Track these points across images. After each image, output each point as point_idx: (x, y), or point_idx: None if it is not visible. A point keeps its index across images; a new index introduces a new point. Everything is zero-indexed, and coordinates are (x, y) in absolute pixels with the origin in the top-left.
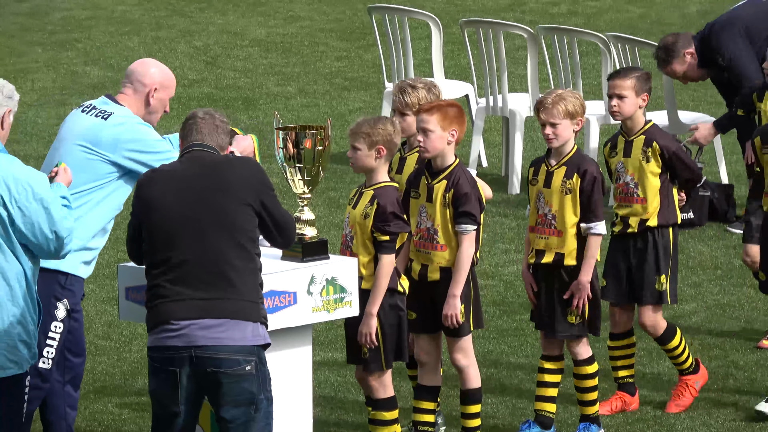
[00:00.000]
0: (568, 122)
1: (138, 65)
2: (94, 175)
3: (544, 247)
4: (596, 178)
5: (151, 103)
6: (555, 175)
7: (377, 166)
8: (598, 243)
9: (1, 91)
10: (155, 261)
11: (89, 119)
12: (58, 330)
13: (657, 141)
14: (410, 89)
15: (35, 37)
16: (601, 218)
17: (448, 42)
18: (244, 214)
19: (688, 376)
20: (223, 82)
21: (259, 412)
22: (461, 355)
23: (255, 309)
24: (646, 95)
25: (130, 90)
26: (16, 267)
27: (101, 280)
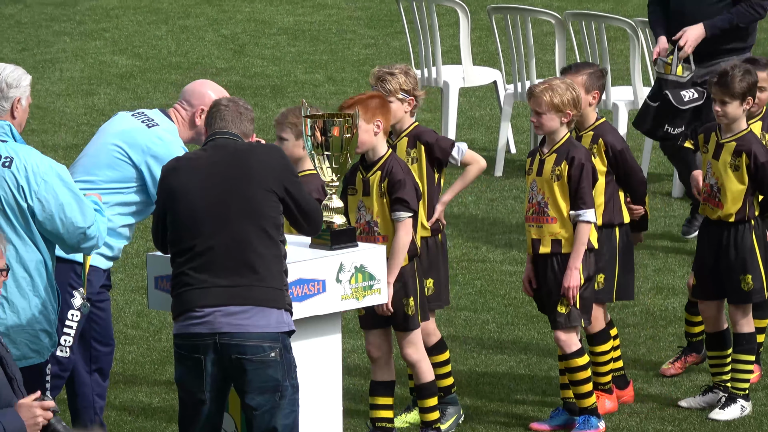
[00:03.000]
0: (554, 114)
1: (193, 84)
2: (121, 175)
3: (539, 236)
4: (584, 165)
5: (197, 123)
6: (546, 162)
7: (304, 155)
8: (587, 230)
9: (5, 83)
10: (180, 249)
11: (134, 122)
12: (75, 318)
13: (604, 137)
14: (389, 76)
15: (63, 26)
16: (590, 205)
17: (475, 28)
18: (268, 200)
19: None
20: (251, 70)
21: (284, 399)
22: (412, 349)
23: (279, 296)
24: (596, 93)
25: (180, 107)
26: (36, 256)
27: (130, 269)
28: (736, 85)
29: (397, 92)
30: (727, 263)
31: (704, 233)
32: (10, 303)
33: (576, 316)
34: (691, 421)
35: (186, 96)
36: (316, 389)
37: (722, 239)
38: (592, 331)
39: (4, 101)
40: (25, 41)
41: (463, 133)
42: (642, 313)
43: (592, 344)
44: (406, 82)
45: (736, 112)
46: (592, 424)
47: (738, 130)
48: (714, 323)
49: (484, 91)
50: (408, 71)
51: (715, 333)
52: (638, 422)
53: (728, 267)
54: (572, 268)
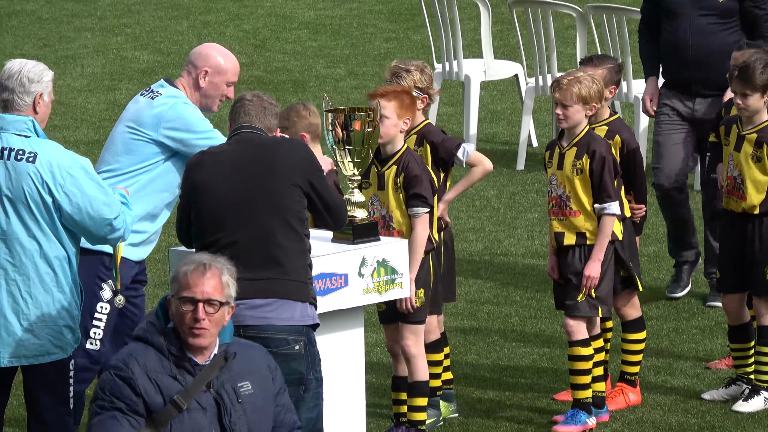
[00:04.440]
0: (580, 107)
1: (198, 47)
2: (139, 156)
3: (564, 229)
4: (605, 158)
5: (201, 85)
6: (566, 156)
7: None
8: (611, 223)
9: (26, 78)
10: (204, 243)
11: (142, 100)
12: (104, 311)
13: (621, 134)
14: (404, 72)
15: (84, 22)
16: (615, 198)
17: (497, 22)
18: (292, 194)
19: (626, 384)
20: (273, 65)
21: (308, 392)
22: (412, 341)
23: (303, 289)
24: (613, 87)
25: (185, 72)
26: (60, 252)
27: (152, 264)
28: (757, 78)
29: (411, 89)
30: (752, 256)
31: (729, 227)
32: (33, 298)
33: (589, 307)
34: (714, 414)
35: (192, 59)
36: (339, 383)
37: (746, 232)
38: (627, 319)
39: (26, 96)
40: (47, 37)
41: (484, 126)
42: (665, 305)
43: (625, 331)
44: (421, 79)
45: (757, 105)
46: (580, 419)
47: (759, 121)
48: (737, 316)
49: (506, 85)
50: (424, 69)
51: (738, 326)
52: (662, 414)
53: (753, 259)
54: (595, 260)
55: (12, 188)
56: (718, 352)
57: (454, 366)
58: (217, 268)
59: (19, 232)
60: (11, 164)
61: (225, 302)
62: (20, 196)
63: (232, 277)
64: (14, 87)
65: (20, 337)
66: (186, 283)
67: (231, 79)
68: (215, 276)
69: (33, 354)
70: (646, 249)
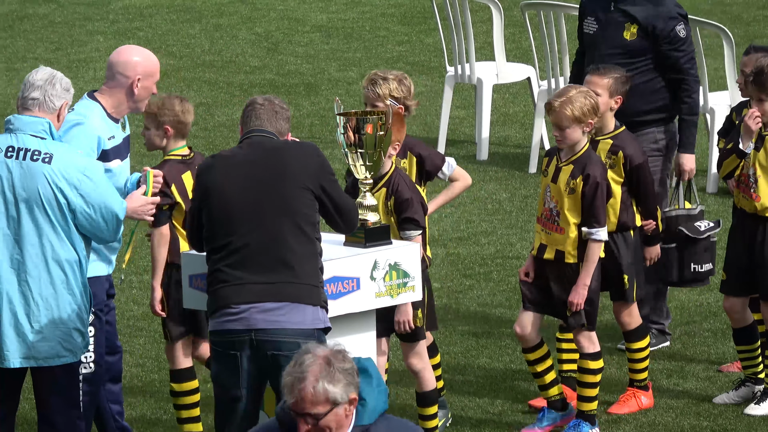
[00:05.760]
0: (576, 126)
1: (118, 56)
2: None
3: (547, 242)
4: (599, 183)
5: (135, 93)
6: (562, 172)
7: (165, 145)
8: (598, 249)
9: (60, 84)
10: (215, 246)
11: None
12: (90, 334)
13: (624, 150)
14: (381, 81)
15: (96, 26)
16: (603, 224)
17: (509, 25)
18: (303, 198)
19: (637, 389)
20: (285, 68)
21: None
22: (417, 359)
23: (315, 293)
24: (619, 98)
25: (112, 83)
26: (71, 255)
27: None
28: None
29: (385, 97)
30: (761, 258)
31: (738, 228)
32: (44, 300)
33: (582, 317)
34: (726, 417)
35: (119, 69)
36: None
37: (756, 234)
38: (629, 328)
39: (57, 100)
40: (59, 41)
41: (497, 129)
42: (677, 308)
43: (629, 341)
44: (398, 89)
45: None
46: (582, 430)
47: None
48: (741, 319)
49: (518, 88)
50: (402, 79)
51: (742, 328)
52: (674, 418)
53: (762, 262)
54: (581, 285)
55: (26, 189)
56: (730, 355)
57: (466, 369)
58: (313, 374)
59: (32, 234)
60: (26, 164)
61: (327, 411)
62: (35, 197)
63: (337, 373)
64: (47, 88)
65: (31, 338)
66: (287, 391)
67: (157, 78)
68: (309, 386)
69: (43, 356)
70: None
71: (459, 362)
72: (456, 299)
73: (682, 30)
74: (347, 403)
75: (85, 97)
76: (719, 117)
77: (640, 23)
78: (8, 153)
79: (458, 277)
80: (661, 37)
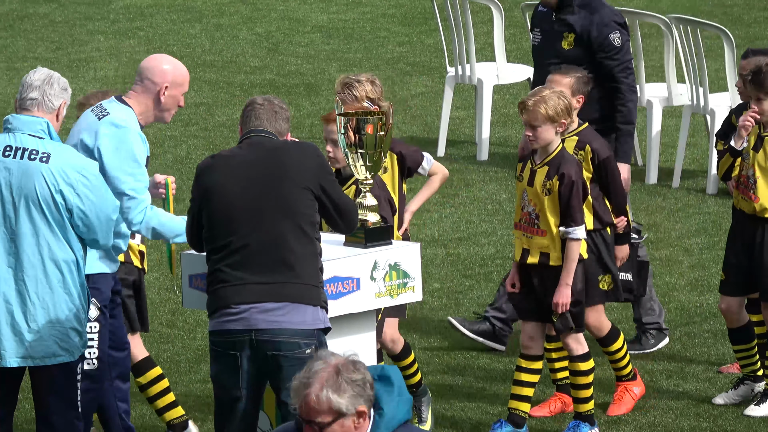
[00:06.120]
0: (549, 125)
1: (149, 62)
2: None
3: (529, 246)
4: (574, 182)
5: (162, 100)
6: (537, 174)
7: None
8: (578, 248)
9: (58, 83)
10: (215, 247)
11: (90, 117)
12: (94, 330)
13: (591, 144)
14: (356, 83)
15: (97, 25)
16: (579, 222)
17: (509, 26)
18: (303, 198)
19: (627, 382)
20: (286, 68)
21: None
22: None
23: (315, 293)
24: (581, 97)
25: (139, 88)
26: (68, 255)
27: (165, 268)
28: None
29: (363, 99)
30: (761, 259)
31: (737, 229)
32: (40, 299)
33: (570, 320)
34: (726, 418)
35: (147, 74)
36: None
37: (756, 235)
38: (600, 335)
39: (56, 99)
40: (60, 40)
41: (497, 130)
42: (677, 309)
43: (604, 346)
44: (373, 90)
45: None
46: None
47: None
48: (737, 319)
49: (518, 89)
50: (374, 81)
51: (738, 328)
52: (674, 419)
53: (761, 263)
54: (564, 285)
55: (24, 188)
56: (730, 356)
57: (466, 369)
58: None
59: (29, 233)
60: (24, 164)
61: (331, 421)
62: (32, 196)
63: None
64: (45, 88)
65: (27, 338)
66: (293, 395)
67: (186, 89)
68: (312, 393)
69: (40, 356)
70: (657, 253)
71: (459, 363)
72: (456, 299)
73: (617, 38)
74: (354, 415)
75: (114, 100)
76: (719, 118)
77: (576, 32)
78: (6, 152)
79: (458, 277)
80: (595, 46)
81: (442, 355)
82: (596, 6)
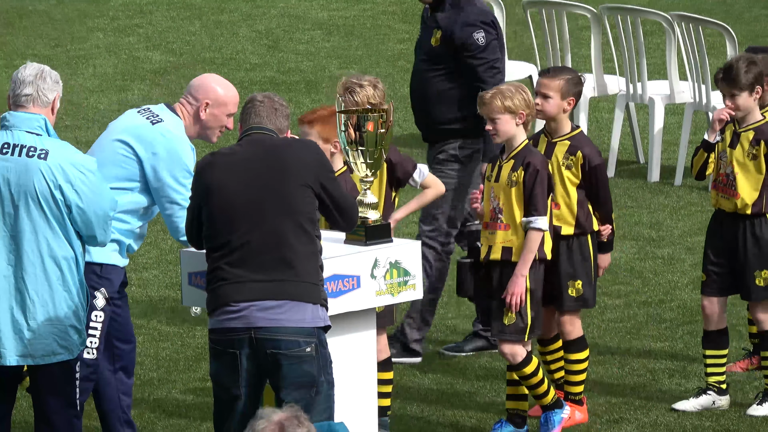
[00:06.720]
0: (508, 117)
1: (199, 78)
2: (124, 173)
3: (492, 243)
4: (539, 171)
5: (202, 118)
6: (503, 168)
7: None
8: (537, 238)
9: (50, 77)
10: (215, 244)
11: (140, 119)
12: (99, 319)
13: (582, 150)
14: (358, 88)
15: (96, 22)
16: (542, 213)
17: (511, 23)
18: (303, 195)
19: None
20: (286, 65)
21: (319, 395)
22: None
23: (315, 291)
24: (572, 99)
25: (186, 102)
26: (68, 252)
27: (164, 265)
28: (742, 77)
29: (364, 105)
30: (744, 258)
31: (717, 229)
32: (39, 296)
33: (521, 327)
34: (729, 417)
35: (192, 90)
36: (351, 386)
37: (738, 233)
38: (568, 338)
39: (50, 93)
40: (59, 37)
41: None
42: (679, 308)
43: (567, 352)
44: (374, 95)
45: (747, 104)
46: (555, 419)
47: (755, 120)
48: (717, 320)
49: None
50: (376, 84)
51: (716, 331)
52: (676, 418)
53: (744, 261)
54: (518, 275)
55: (23, 185)
56: (732, 355)
57: (468, 369)
58: None
59: (27, 230)
60: (23, 161)
61: None
62: (31, 193)
63: None
64: (38, 83)
65: (27, 336)
66: None
67: (231, 111)
68: None
69: (39, 354)
70: (660, 251)
71: (460, 362)
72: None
73: (481, 37)
74: None
75: (164, 107)
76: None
77: (443, 29)
78: (4, 150)
79: None
80: (458, 45)
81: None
82: (464, 5)
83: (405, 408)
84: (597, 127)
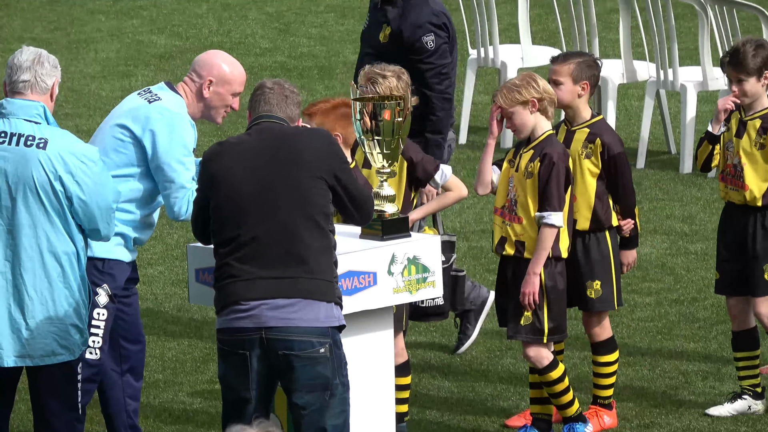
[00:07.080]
0: (519, 108)
1: (204, 55)
2: (124, 159)
3: (505, 234)
4: (555, 164)
5: (205, 96)
6: (522, 158)
7: None
8: (551, 235)
9: (48, 62)
10: (223, 239)
11: (138, 100)
12: (101, 317)
13: (602, 137)
14: (380, 78)
15: (98, 4)
16: (556, 208)
17: (535, 5)
18: (316, 188)
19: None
20: (297, 50)
21: (334, 398)
22: None
23: (329, 288)
24: (585, 83)
25: (189, 80)
26: (68, 247)
27: (170, 261)
28: (750, 61)
29: None
30: (753, 251)
31: (727, 223)
32: (38, 294)
33: (537, 328)
34: (765, 422)
35: (196, 67)
36: (367, 388)
37: (747, 226)
38: (597, 340)
39: (48, 78)
40: (58, 20)
41: None
42: (713, 306)
43: (596, 353)
44: (398, 86)
45: (754, 89)
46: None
47: (762, 107)
48: (743, 320)
49: (544, 72)
50: (401, 75)
51: (743, 331)
52: (710, 423)
53: (753, 254)
54: (531, 274)
55: (21, 175)
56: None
57: (490, 370)
58: None
59: (26, 223)
60: (20, 150)
61: None
62: (29, 184)
63: None
64: (36, 68)
65: (25, 335)
66: None
67: (237, 90)
68: None
69: (39, 354)
70: (692, 246)
71: (482, 363)
72: None
73: (430, 41)
74: None
75: (164, 86)
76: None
77: (392, 27)
78: (0, 139)
79: (481, 271)
80: (407, 46)
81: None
82: (415, 3)
83: (424, 412)
84: (626, 116)
